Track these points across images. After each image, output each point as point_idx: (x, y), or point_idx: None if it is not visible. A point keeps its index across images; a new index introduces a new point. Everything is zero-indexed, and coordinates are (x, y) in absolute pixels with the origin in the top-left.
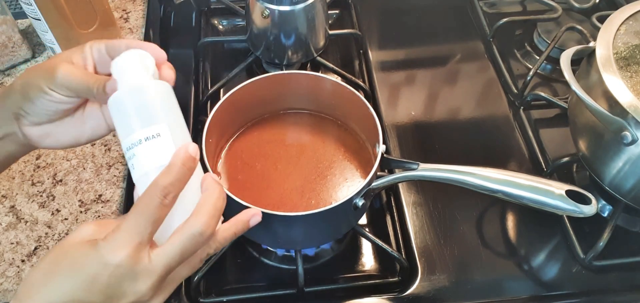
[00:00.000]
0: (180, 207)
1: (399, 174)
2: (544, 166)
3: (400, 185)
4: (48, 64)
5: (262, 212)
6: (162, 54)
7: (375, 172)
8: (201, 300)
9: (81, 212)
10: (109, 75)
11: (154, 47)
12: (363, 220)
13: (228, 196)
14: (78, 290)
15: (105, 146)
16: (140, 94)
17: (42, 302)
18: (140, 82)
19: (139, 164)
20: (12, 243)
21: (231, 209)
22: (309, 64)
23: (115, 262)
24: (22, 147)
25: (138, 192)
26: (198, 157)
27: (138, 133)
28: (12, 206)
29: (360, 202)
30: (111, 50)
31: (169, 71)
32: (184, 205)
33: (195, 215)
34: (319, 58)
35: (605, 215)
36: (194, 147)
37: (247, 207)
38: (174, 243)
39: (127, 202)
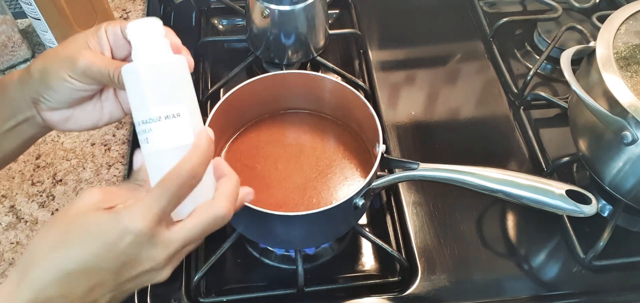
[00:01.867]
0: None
1: (399, 174)
2: (544, 166)
3: (400, 185)
4: (67, 52)
5: (262, 212)
6: (178, 41)
7: (375, 172)
8: (201, 299)
9: None
10: (124, 59)
11: (171, 33)
12: (363, 220)
13: None
14: (91, 256)
15: (105, 146)
16: (160, 69)
17: (51, 268)
18: (160, 56)
19: (154, 140)
20: (12, 243)
21: None
22: (308, 64)
23: (137, 230)
24: (42, 129)
25: (148, 168)
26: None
27: (158, 109)
28: (12, 206)
29: (360, 202)
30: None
31: (188, 55)
32: (199, 185)
33: (219, 198)
34: (319, 58)
35: (606, 214)
36: (211, 131)
37: (249, 208)
38: (196, 221)
39: None
